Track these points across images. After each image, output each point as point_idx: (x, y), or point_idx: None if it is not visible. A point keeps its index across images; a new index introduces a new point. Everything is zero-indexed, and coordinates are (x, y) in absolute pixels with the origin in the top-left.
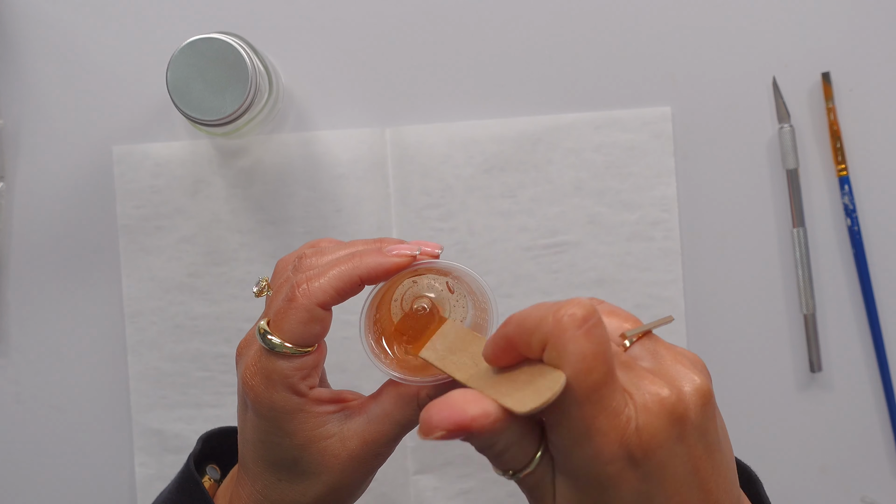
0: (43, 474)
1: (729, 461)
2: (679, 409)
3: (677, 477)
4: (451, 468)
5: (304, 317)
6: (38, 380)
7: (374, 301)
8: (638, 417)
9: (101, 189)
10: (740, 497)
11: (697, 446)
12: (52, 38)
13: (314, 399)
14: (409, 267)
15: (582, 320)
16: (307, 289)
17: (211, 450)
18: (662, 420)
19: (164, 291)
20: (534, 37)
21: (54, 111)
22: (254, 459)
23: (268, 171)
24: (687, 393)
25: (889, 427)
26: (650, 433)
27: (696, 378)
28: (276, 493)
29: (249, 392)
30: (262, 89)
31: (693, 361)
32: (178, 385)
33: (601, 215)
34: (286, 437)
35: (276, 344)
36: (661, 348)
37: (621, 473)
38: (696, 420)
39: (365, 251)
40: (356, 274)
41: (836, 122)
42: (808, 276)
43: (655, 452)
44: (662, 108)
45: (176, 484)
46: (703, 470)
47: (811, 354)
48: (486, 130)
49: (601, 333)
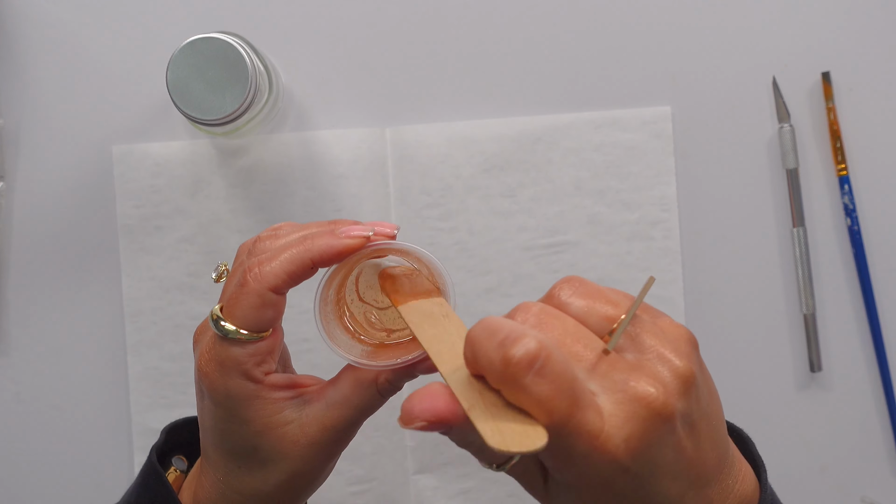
0: (43, 474)
1: (715, 423)
2: (667, 409)
3: (666, 464)
4: (450, 468)
5: (256, 302)
6: (39, 379)
7: (328, 283)
8: (623, 428)
9: (101, 189)
10: (727, 448)
11: (683, 429)
12: (52, 38)
13: (270, 385)
14: (362, 249)
15: (530, 361)
16: (258, 273)
17: (177, 440)
18: (650, 423)
19: (164, 291)
20: (533, 36)
21: (54, 111)
22: (213, 448)
23: (268, 171)
24: (670, 384)
25: (889, 427)
26: (638, 439)
27: (678, 363)
28: (237, 482)
29: (204, 379)
30: (262, 89)
31: (674, 340)
32: (178, 385)
33: (601, 215)
34: (243, 425)
35: (228, 330)
36: (644, 333)
37: (612, 479)
38: (682, 408)
39: (317, 233)
40: (307, 257)
41: (835, 122)
42: (807, 276)
43: (644, 454)
44: (662, 108)
45: (140, 478)
46: (688, 447)
47: (811, 354)
48: (486, 130)
49: (552, 370)
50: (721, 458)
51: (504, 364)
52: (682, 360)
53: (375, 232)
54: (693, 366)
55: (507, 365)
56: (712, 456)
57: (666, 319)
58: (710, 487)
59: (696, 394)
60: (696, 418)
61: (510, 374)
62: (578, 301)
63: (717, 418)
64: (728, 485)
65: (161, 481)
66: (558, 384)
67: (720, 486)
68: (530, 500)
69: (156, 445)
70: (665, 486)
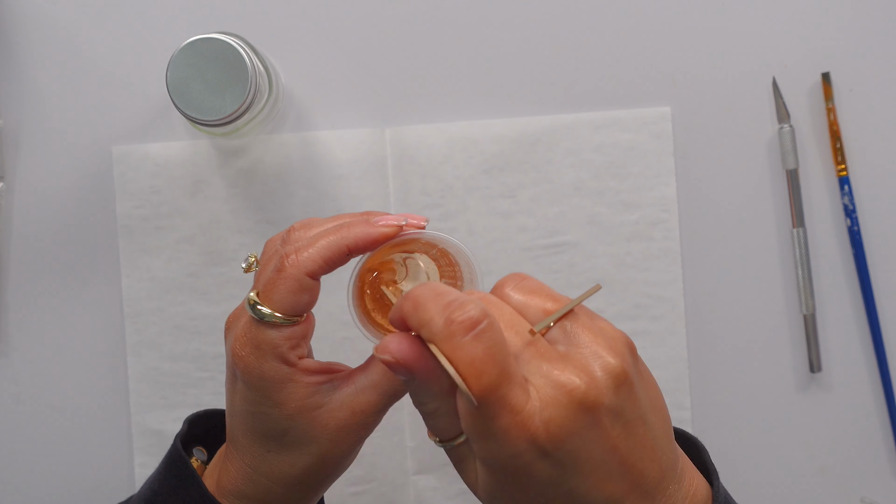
0: (43, 474)
1: (657, 431)
2: (590, 398)
3: (593, 460)
4: (450, 468)
5: (294, 286)
6: (38, 380)
7: (361, 271)
8: (544, 411)
9: (101, 189)
10: (676, 461)
11: (614, 427)
12: (52, 38)
13: (303, 369)
14: (395, 237)
15: (471, 325)
16: (296, 259)
17: (197, 432)
18: (571, 411)
19: (163, 292)
20: (533, 37)
21: (54, 111)
22: (243, 432)
23: (267, 172)
24: (599, 378)
25: (889, 427)
26: (558, 425)
27: (611, 360)
28: (266, 465)
29: (239, 362)
30: (262, 89)
31: (612, 340)
32: (178, 385)
33: (601, 215)
34: (275, 408)
35: (265, 314)
36: (579, 328)
37: (531, 464)
38: (611, 403)
39: (352, 222)
40: (344, 244)
41: (835, 123)
42: (807, 277)
43: (565, 442)
44: (662, 109)
45: (164, 465)
46: (621, 448)
47: (811, 355)
48: (486, 131)
49: (490, 337)
50: (665, 471)
51: (447, 322)
52: (615, 358)
53: (408, 223)
54: (627, 366)
55: (450, 323)
56: (653, 465)
57: (605, 322)
58: (653, 500)
59: (630, 394)
60: (631, 418)
61: (450, 332)
62: (519, 294)
63: (658, 427)
64: (676, 498)
65: (186, 467)
66: (492, 351)
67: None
68: None
69: (179, 434)
70: (596, 485)
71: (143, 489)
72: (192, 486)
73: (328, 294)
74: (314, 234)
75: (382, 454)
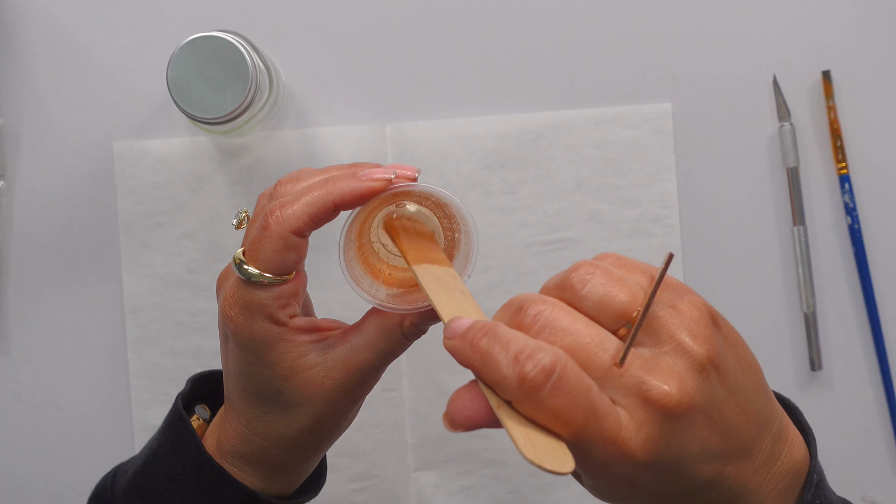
0: (44, 472)
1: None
2: (683, 404)
3: (693, 453)
4: (451, 465)
5: (279, 245)
6: (39, 377)
7: (351, 227)
8: (640, 433)
9: (102, 186)
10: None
11: (710, 417)
12: (52, 37)
13: (295, 328)
14: (384, 191)
15: (545, 377)
16: (280, 216)
17: (201, 391)
18: (666, 423)
19: (164, 287)
20: (534, 33)
21: (55, 109)
22: (238, 393)
23: (268, 168)
24: (687, 380)
25: (889, 425)
26: (655, 440)
27: (695, 349)
28: (262, 426)
29: (229, 323)
30: (263, 87)
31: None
32: (179, 381)
33: (602, 212)
34: (268, 368)
35: (252, 274)
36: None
37: (636, 477)
38: (703, 400)
39: (339, 176)
40: (329, 199)
41: (836, 121)
42: (808, 275)
43: (665, 452)
44: (663, 105)
45: (165, 424)
46: (718, 432)
47: (811, 353)
48: (487, 127)
49: (568, 382)
50: (761, 425)
51: (520, 381)
52: (699, 345)
53: (397, 174)
54: (712, 349)
55: (523, 382)
56: (748, 427)
57: (683, 299)
58: (749, 458)
59: (719, 374)
60: (722, 400)
61: (526, 391)
62: (593, 294)
63: (751, 388)
64: (775, 451)
65: (185, 426)
66: (574, 396)
67: (764, 454)
68: (531, 496)
69: (181, 394)
70: (697, 470)
71: (143, 448)
72: (190, 445)
73: (331, 291)
74: (300, 189)
75: (383, 451)
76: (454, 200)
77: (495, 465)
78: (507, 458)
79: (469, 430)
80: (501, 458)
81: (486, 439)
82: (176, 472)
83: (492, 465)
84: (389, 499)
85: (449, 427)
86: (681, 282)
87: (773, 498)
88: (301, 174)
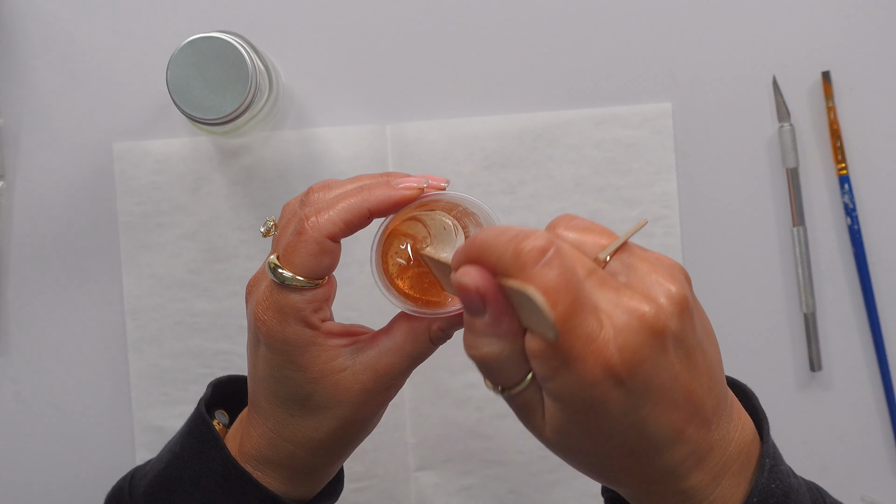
0: (44, 473)
1: (711, 360)
2: (659, 323)
3: (662, 386)
4: (451, 465)
5: (314, 249)
6: (39, 378)
7: (384, 234)
8: (618, 338)
9: (102, 186)
10: (726, 394)
11: (678, 354)
12: (52, 38)
13: (326, 332)
14: (417, 199)
15: (540, 253)
16: (316, 221)
17: (219, 397)
18: (643, 336)
19: (164, 288)
20: (534, 33)
21: (54, 109)
22: (266, 396)
23: (268, 169)
24: (664, 305)
25: (889, 427)
26: (632, 350)
27: (672, 287)
28: (289, 430)
29: (262, 327)
30: (263, 88)
31: (669, 268)
32: (180, 382)
33: (602, 211)
34: (299, 371)
35: (286, 277)
36: (637, 260)
37: (607, 393)
38: (675, 329)
39: (373, 184)
40: (365, 206)
41: (836, 121)
42: (808, 275)
43: (639, 368)
44: (663, 105)
45: (186, 428)
46: (684, 375)
47: (811, 353)
48: (487, 127)
49: (561, 263)
50: (719, 401)
51: (515, 254)
52: (675, 285)
53: (429, 184)
54: (687, 293)
55: (519, 255)
56: (710, 395)
57: (658, 254)
58: (708, 429)
59: (691, 321)
60: (691, 345)
61: (521, 263)
62: (573, 233)
63: (713, 357)
64: (728, 431)
65: (209, 430)
66: (565, 277)
67: (720, 431)
68: (531, 496)
69: (204, 398)
70: (663, 413)
71: (163, 452)
72: (214, 449)
73: None
74: (334, 196)
75: (384, 450)
76: (484, 208)
77: (496, 465)
78: (508, 458)
79: (475, 285)
80: (502, 459)
81: (487, 439)
82: (199, 475)
83: (492, 465)
84: (390, 499)
85: (455, 279)
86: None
87: (729, 479)
88: (331, 183)
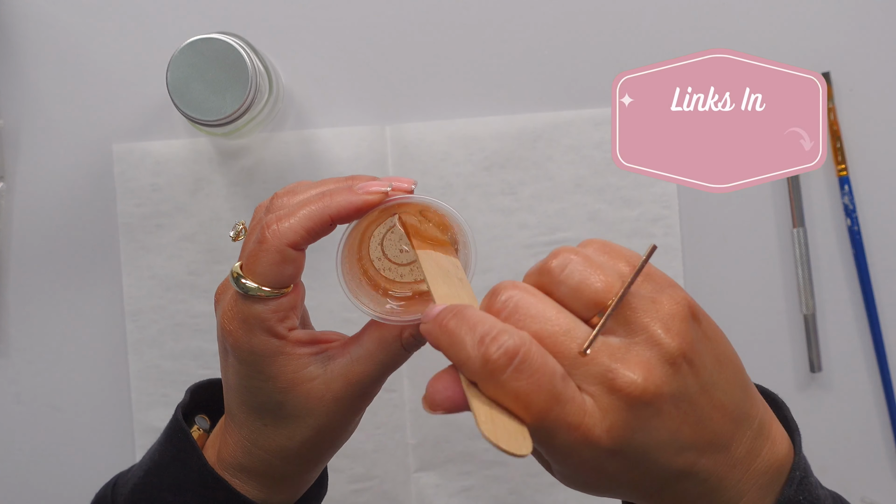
0: (44, 474)
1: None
2: (649, 392)
3: (661, 443)
4: (452, 465)
5: (276, 258)
6: (39, 379)
7: (349, 241)
8: (604, 420)
9: (102, 188)
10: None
11: (679, 408)
12: (52, 39)
13: (294, 341)
14: (381, 204)
15: (508, 359)
16: (277, 229)
17: (200, 401)
18: (632, 412)
19: (164, 290)
20: (533, 34)
21: (54, 111)
22: (238, 406)
23: (268, 170)
24: (656, 370)
25: (889, 427)
26: (620, 428)
27: (667, 342)
28: (263, 439)
29: (228, 337)
30: (262, 89)
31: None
32: (180, 383)
33: (601, 212)
34: (268, 381)
35: (250, 287)
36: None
37: (601, 463)
38: (671, 390)
39: (335, 190)
40: (326, 213)
41: (836, 122)
42: (807, 276)
43: (631, 440)
44: None
45: (165, 435)
46: (688, 423)
47: (811, 354)
48: (487, 128)
49: (531, 366)
50: (738, 421)
51: (483, 361)
52: (672, 339)
53: (393, 187)
54: (685, 344)
55: (486, 362)
56: (723, 422)
57: (665, 293)
58: (725, 452)
59: (691, 369)
60: (694, 393)
61: (488, 372)
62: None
63: (729, 383)
64: (755, 447)
65: (186, 437)
66: (536, 380)
67: (743, 449)
68: (531, 497)
69: (181, 404)
70: (667, 460)
71: (143, 458)
72: (191, 458)
73: (330, 292)
74: (296, 202)
75: (384, 452)
76: (451, 211)
77: (496, 465)
78: (508, 459)
79: (448, 412)
80: (502, 459)
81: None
82: (178, 483)
83: (492, 465)
84: (390, 500)
85: (428, 409)
86: (665, 275)
87: (754, 493)
88: (297, 187)
